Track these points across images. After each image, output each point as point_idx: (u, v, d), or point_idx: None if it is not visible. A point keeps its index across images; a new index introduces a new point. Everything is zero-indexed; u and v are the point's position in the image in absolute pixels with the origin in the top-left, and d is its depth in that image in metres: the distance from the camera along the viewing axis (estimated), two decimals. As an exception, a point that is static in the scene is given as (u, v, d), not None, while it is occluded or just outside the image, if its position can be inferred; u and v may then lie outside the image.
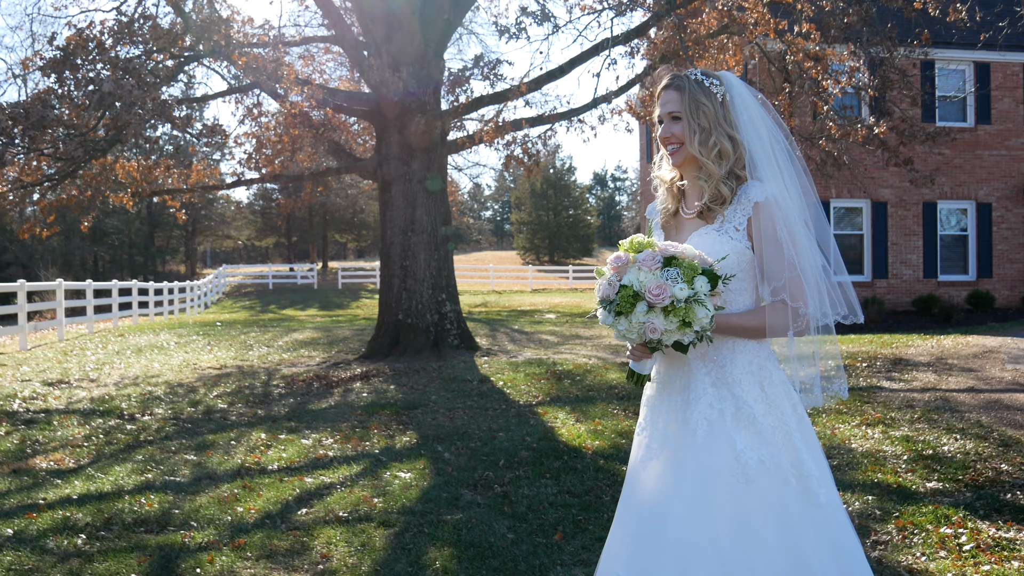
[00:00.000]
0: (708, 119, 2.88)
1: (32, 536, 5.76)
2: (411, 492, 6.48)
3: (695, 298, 2.61)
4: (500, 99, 13.67)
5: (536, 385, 11.19)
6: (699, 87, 2.89)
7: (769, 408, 2.79)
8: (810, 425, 2.85)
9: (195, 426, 9.52)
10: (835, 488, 2.82)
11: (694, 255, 2.71)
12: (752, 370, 2.83)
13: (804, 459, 2.75)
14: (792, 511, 2.71)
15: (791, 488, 2.71)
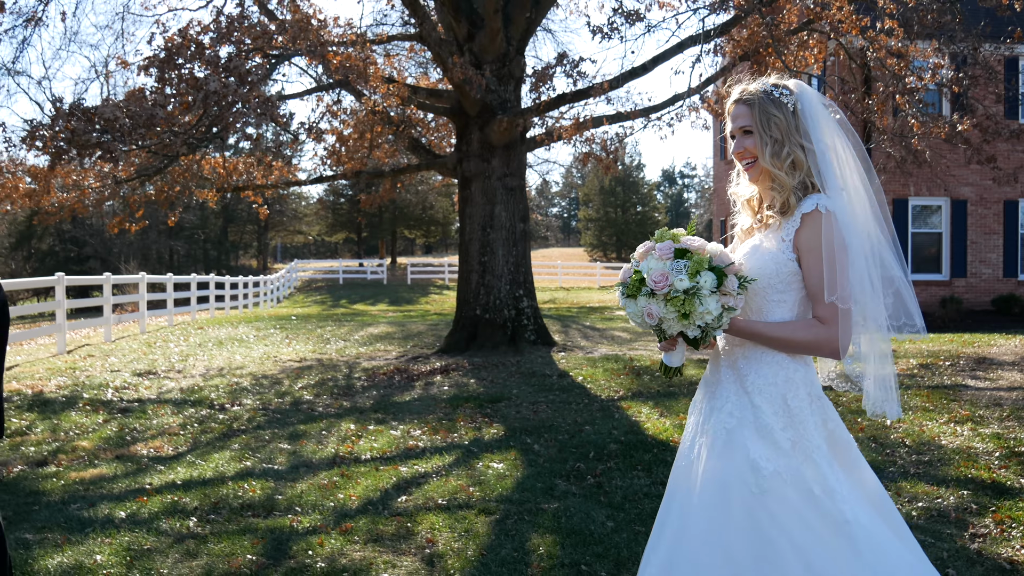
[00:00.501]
0: (780, 130, 2.85)
1: (144, 518, 5.99)
2: (506, 481, 6.58)
3: (694, 291, 2.64)
4: (582, 96, 13.71)
5: (616, 380, 11.22)
6: (769, 99, 2.87)
7: (790, 422, 2.75)
8: (846, 443, 2.82)
9: (284, 416, 9.75)
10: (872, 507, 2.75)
11: (717, 253, 2.74)
12: (776, 382, 2.79)
13: (827, 475, 2.69)
14: (813, 526, 2.65)
15: (813, 502, 2.66)
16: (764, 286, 2.81)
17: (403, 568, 4.89)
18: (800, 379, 2.79)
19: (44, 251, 47.18)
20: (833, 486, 2.67)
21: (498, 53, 14.10)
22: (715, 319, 2.66)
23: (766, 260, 2.80)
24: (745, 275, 2.79)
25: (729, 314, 2.70)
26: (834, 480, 2.68)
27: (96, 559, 5.17)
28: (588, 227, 61.92)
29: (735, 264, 2.78)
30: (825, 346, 2.75)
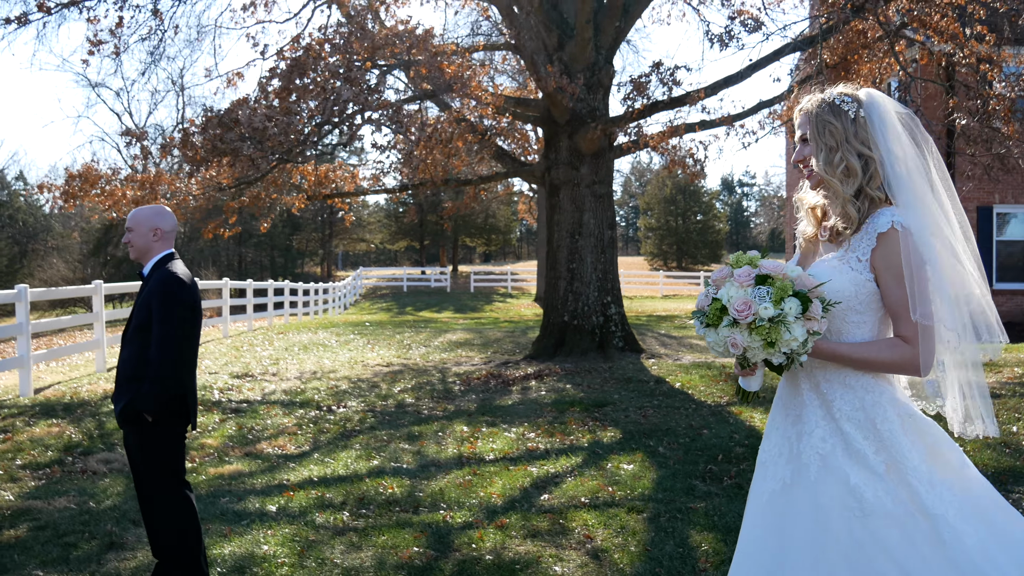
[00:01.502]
0: (835, 138, 2.78)
1: (296, 512, 6.20)
2: (643, 481, 6.68)
3: (780, 319, 2.58)
4: (677, 104, 13.80)
5: (716, 387, 11.25)
6: (828, 107, 2.81)
7: (881, 446, 2.67)
8: (949, 464, 2.69)
9: (393, 418, 9.94)
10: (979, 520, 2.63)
11: (796, 276, 2.65)
12: (864, 406, 2.72)
13: (924, 498, 2.60)
14: (919, 549, 2.58)
15: (918, 526, 2.60)
16: (844, 308, 2.73)
17: (571, 562, 5.01)
18: (887, 401, 2.72)
19: (119, 258, 48.25)
20: (931, 509, 2.60)
21: (588, 62, 14.23)
22: (800, 345, 2.61)
23: (844, 281, 2.73)
24: (826, 297, 2.69)
25: (814, 338, 2.64)
26: (932, 502, 2.60)
27: (264, 549, 5.38)
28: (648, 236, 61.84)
29: (817, 288, 2.67)
30: (910, 365, 2.68)
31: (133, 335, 4.53)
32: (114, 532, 5.79)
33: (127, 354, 4.55)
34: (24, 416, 9.95)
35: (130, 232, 4.64)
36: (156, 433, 4.45)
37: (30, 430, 9.20)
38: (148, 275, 4.60)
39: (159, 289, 4.44)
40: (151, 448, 4.46)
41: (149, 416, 4.37)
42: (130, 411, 4.41)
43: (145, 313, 4.46)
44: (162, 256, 4.63)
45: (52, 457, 8.08)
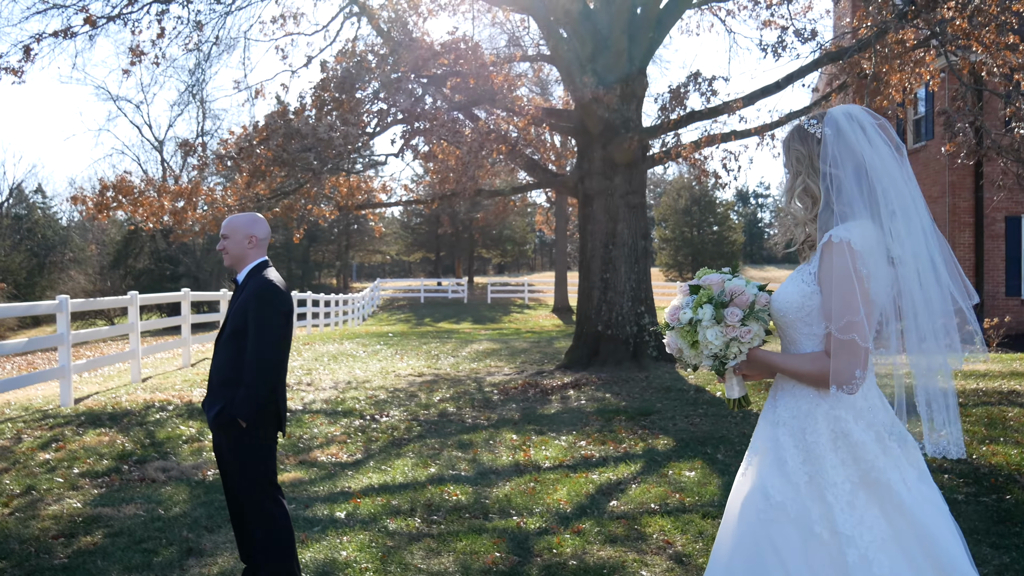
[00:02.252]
0: (800, 162, 2.86)
1: (366, 518, 6.23)
2: (710, 488, 6.69)
3: (698, 323, 2.79)
4: (715, 114, 13.83)
5: (762, 395, 11.23)
6: (797, 132, 2.89)
7: (807, 457, 2.70)
8: (887, 499, 2.65)
9: (439, 427, 9.97)
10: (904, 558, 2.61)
11: (732, 287, 2.82)
12: (797, 415, 2.76)
13: (837, 516, 2.61)
14: (814, 563, 2.61)
15: (814, 540, 2.62)
16: (794, 319, 2.78)
17: (657, 567, 5.03)
18: (821, 414, 2.72)
19: (140, 270, 48.51)
20: (847, 531, 2.60)
21: (621, 73, 14.29)
22: (721, 350, 2.77)
23: (793, 293, 2.78)
24: (758, 308, 2.81)
25: (740, 345, 2.77)
26: (847, 523, 2.61)
27: (344, 555, 5.41)
28: (663, 247, 61.79)
29: (745, 297, 2.81)
30: (822, 378, 2.70)
31: (228, 340, 4.57)
32: (190, 538, 5.83)
33: (221, 359, 4.59)
34: (71, 426, 10.01)
35: (225, 239, 4.69)
36: (249, 439, 4.49)
37: (80, 439, 9.25)
38: (243, 282, 4.65)
39: (255, 296, 4.48)
40: (244, 454, 4.50)
41: (243, 422, 4.41)
42: (225, 417, 4.45)
43: (241, 319, 4.51)
44: (257, 263, 4.68)
45: (108, 466, 8.13)
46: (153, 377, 14.95)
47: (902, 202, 2.77)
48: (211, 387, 4.62)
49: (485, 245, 58.44)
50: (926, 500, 2.69)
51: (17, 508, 6.69)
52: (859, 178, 2.76)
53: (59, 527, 6.17)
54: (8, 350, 11.56)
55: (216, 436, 4.65)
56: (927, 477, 2.75)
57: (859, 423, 2.70)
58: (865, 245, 2.68)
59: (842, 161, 2.77)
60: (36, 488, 7.28)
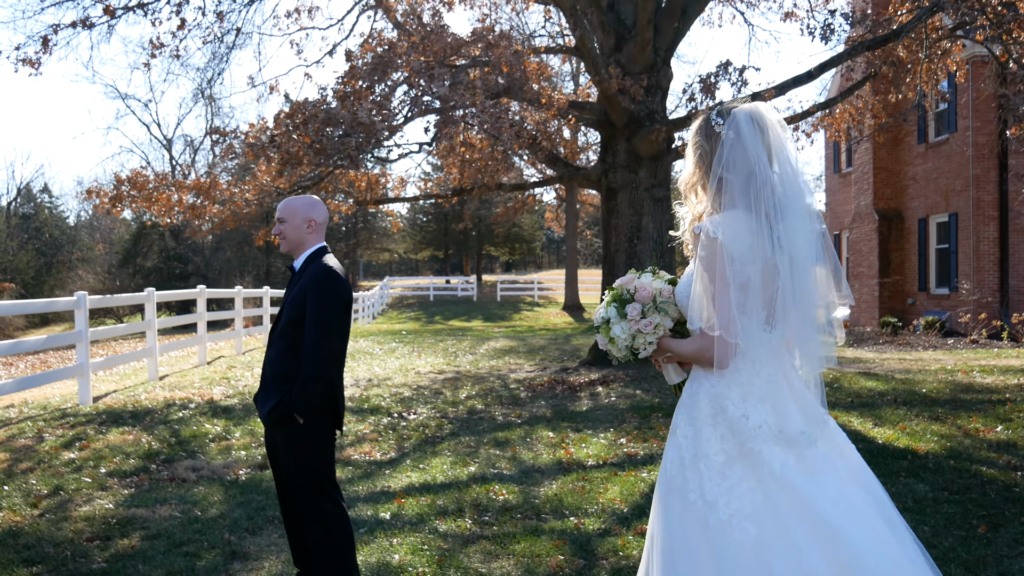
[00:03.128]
0: (702, 159, 2.97)
1: (414, 519, 5.97)
2: (769, 488, 6.42)
3: (607, 319, 3.07)
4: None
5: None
6: (704, 127, 2.99)
7: (695, 433, 2.86)
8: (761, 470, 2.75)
9: (470, 424, 9.71)
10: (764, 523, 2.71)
11: (641, 285, 3.05)
12: (691, 393, 2.93)
13: (706, 485, 2.77)
14: (687, 528, 2.80)
15: (693, 508, 2.79)
16: (687, 305, 2.92)
17: (733, 569, 4.76)
18: (704, 392, 2.89)
19: (149, 268, 48.23)
20: (712, 497, 2.75)
21: (646, 64, 14.01)
22: (628, 342, 3.02)
23: (686, 284, 2.94)
24: (660, 301, 3.01)
25: (644, 337, 3.00)
26: (714, 491, 2.76)
27: (396, 558, 5.16)
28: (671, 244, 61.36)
29: (646, 292, 3.01)
30: (703, 356, 2.87)
31: (283, 331, 4.30)
32: (232, 541, 5.58)
33: (275, 351, 4.32)
34: (93, 424, 9.77)
35: (282, 223, 4.42)
36: (307, 435, 4.22)
37: (104, 438, 9.02)
38: (300, 269, 4.38)
39: (315, 283, 4.21)
40: (301, 451, 4.23)
41: (301, 417, 4.15)
42: (281, 412, 4.18)
43: (298, 308, 4.24)
44: (316, 249, 4.41)
45: (136, 465, 7.89)
46: (170, 375, 14.72)
47: (792, 204, 2.89)
48: (264, 381, 4.35)
49: (494, 243, 58.12)
50: (813, 473, 2.77)
51: (47, 509, 6.45)
52: (749, 182, 2.86)
53: (93, 529, 5.93)
54: (27, 347, 11.32)
55: (270, 433, 4.39)
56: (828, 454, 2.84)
57: (740, 401, 2.83)
58: (739, 242, 2.81)
59: (736, 166, 2.87)
60: (64, 488, 7.05)
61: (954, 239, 21.70)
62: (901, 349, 18.12)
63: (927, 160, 22.91)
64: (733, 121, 2.89)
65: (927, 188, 22.86)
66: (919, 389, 10.89)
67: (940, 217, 22.56)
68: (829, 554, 2.68)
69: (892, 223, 24.04)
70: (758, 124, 2.89)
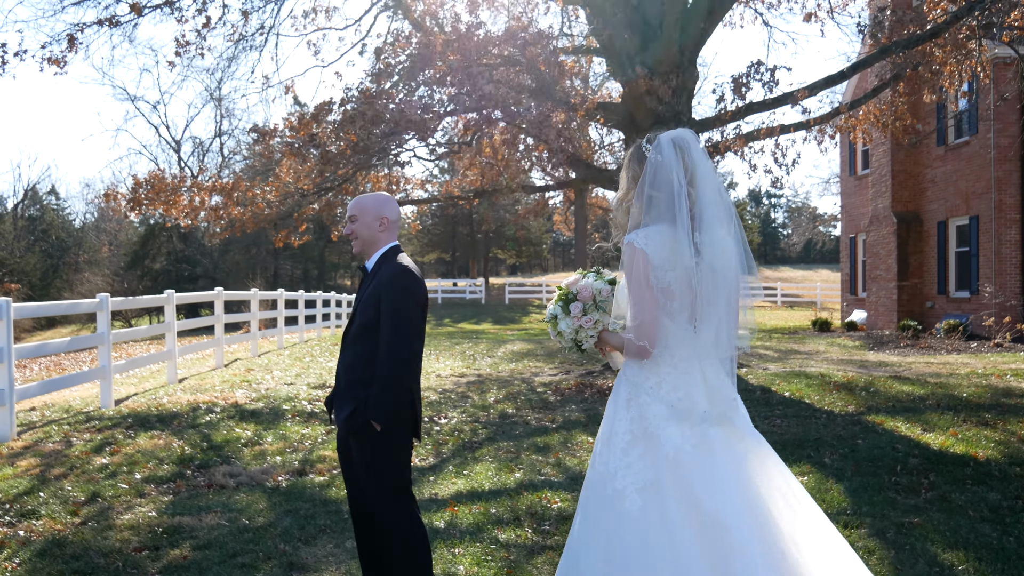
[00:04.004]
0: (633, 181, 3.38)
1: (470, 528, 5.80)
2: (833, 495, 6.26)
3: (555, 315, 3.52)
4: (776, 105, 13.33)
5: (831, 395, 10.80)
6: (636, 153, 3.40)
7: (613, 413, 3.32)
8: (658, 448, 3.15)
9: (504, 429, 9.53)
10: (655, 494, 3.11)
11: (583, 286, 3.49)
12: (617, 379, 3.41)
13: (608, 459, 3.23)
14: (589, 495, 3.28)
15: (596, 476, 3.27)
16: (626, 304, 3.34)
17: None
18: (624, 379, 3.36)
19: (157, 270, 48.03)
20: (612, 469, 3.19)
21: (672, 64, 13.83)
22: (573, 336, 3.47)
23: (623, 286, 3.35)
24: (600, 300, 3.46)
25: (584, 332, 3.44)
26: (615, 463, 3.19)
27: (461, 569, 4.98)
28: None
29: (587, 292, 3.46)
30: (629, 349, 3.30)
31: (357, 335, 4.12)
32: (287, 551, 5.40)
33: (350, 356, 4.14)
34: (120, 428, 9.60)
35: (354, 222, 4.23)
36: (384, 444, 4.04)
37: (134, 443, 8.84)
38: (373, 269, 4.19)
39: (391, 284, 4.02)
40: (378, 461, 4.05)
41: (378, 425, 3.96)
42: (358, 420, 4.00)
43: (372, 311, 4.05)
44: (389, 248, 4.22)
45: (171, 471, 7.71)
46: (189, 378, 14.55)
47: (711, 218, 3.27)
48: (339, 387, 4.17)
49: (501, 246, 57.94)
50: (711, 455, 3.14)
51: (88, 517, 6.27)
52: (671, 199, 3.25)
53: (139, 538, 5.75)
54: (52, 349, 11.15)
55: (343, 441, 4.21)
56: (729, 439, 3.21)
57: (654, 389, 3.24)
58: (659, 252, 3.22)
59: (661, 185, 3.27)
60: (101, 495, 6.87)
61: (975, 242, 21.52)
62: (924, 352, 17.94)
63: (947, 163, 22.73)
64: (658, 145, 3.31)
65: (947, 191, 22.68)
66: (958, 393, 10.71)
67: (960, 220, 22.37)
68: (705, 534, 3.03)
69: (911, 226, 23.86)
70: (679, 147, 3.30)
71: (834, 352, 18.71)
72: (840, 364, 15.56)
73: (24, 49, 10.97)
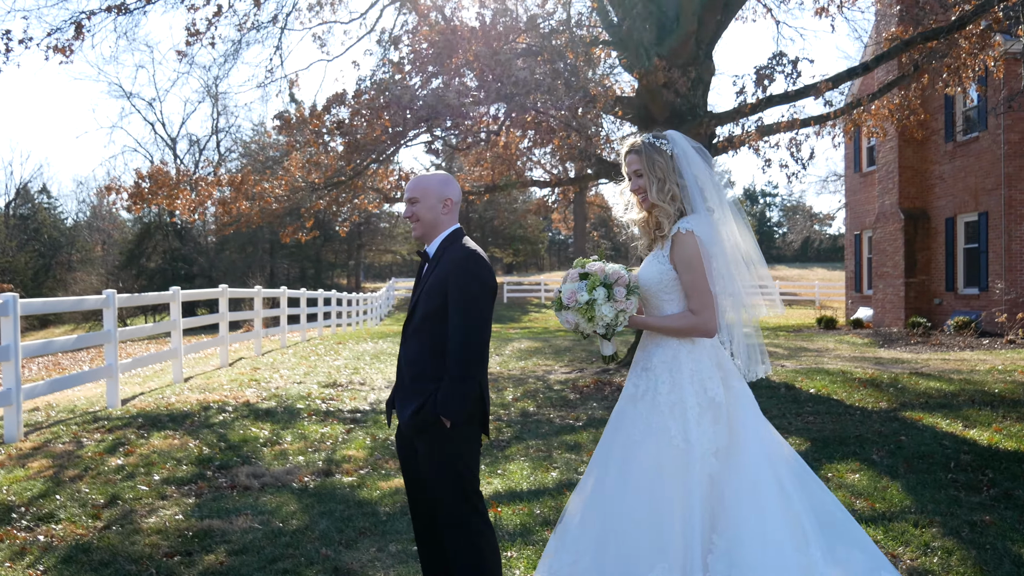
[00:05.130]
0: (663, 171, 3.70)
1: (519, 530, 5.58)
2: (892, 492, 6.04)
3: (592, 302, 3.60)
4: (798, 97, 13.06)
5: (859, 392, 10.58)
6: (653, 148, 3.73)
7: (672, 388, 3.61)
8: (719, 406, 3.59)
9: (529, 427, 9.28)
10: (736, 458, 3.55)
11: (611, 272, 3.67)
12: (665, 360, 3.66)
13: (691, 430, 3.53)
14: (667, 466, 3.53)
15: (674, 450, 3.53)
16: (656, 290, 3.69)
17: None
18: (684, 357, 3.65)
19: (153, 269, 47.52)
20: (692, 438, 3.53)
21: (688, 56, 13.59)
22: (612, 320, 3.62)
23: (654, 271, 3.69)
24: (632, 284, 3.67)
25: (624, 315, 3.63)
26: (696, 433, 3.53)
27: (517, 573, 4.72)
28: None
29: (624, 278, 3.66)
30: (696, 330, 3.64)
31: (420, 325, 3.84)
32: (329, 556, 5.13)
33: (414, 348, 3.86)
34: (131, 428, 9.30)
35: (414, 204, 3.93)
36: (454, 441, 3.75)
37: (148, 443, 8.55)
38: (436, 254, 3.91)
39: (458, 269, 3.74)
40: (447, 459, 3.76)
41: (448, 421, 3.69)
42: (427, 416, 3.71)
43: (437, 299, 3.77)
44: (453, 231, 3.94)
45: (190, 471, 7.43)
46: (194, 377, 14.24)
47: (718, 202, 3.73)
48: (401, 382, 3.89)
49: (499, 244, 57.64)
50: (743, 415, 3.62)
51: (110, 521, 5.99)
52: (692, 186, 3.69)
53: (169, 543, 5.47)
54: (58, 347, 10.82)
55: (406, 441, 3.94)
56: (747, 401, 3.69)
57: (710, 363, 3.65)
58: (706, 233, 3.62)
59: (685, 174, 3.71)
60: (121, 497, 6.59)
61: (984, 238, 21.34)
62: (937, 349, 17.74)
63: (955, 159, 22.56)
64: (675, 142, 3.74)
65: (955, 187, 22.50)
66: (989, 389, 10.50)
67: (969, 216, 22.20)
68: None
69: (918, 223, 23.68)
70: (680, 146, 3.74)
71: (844, 349, 18.51)
72: (855, 361, 15.34)
73: (29, 37, 10.66)
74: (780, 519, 3.46)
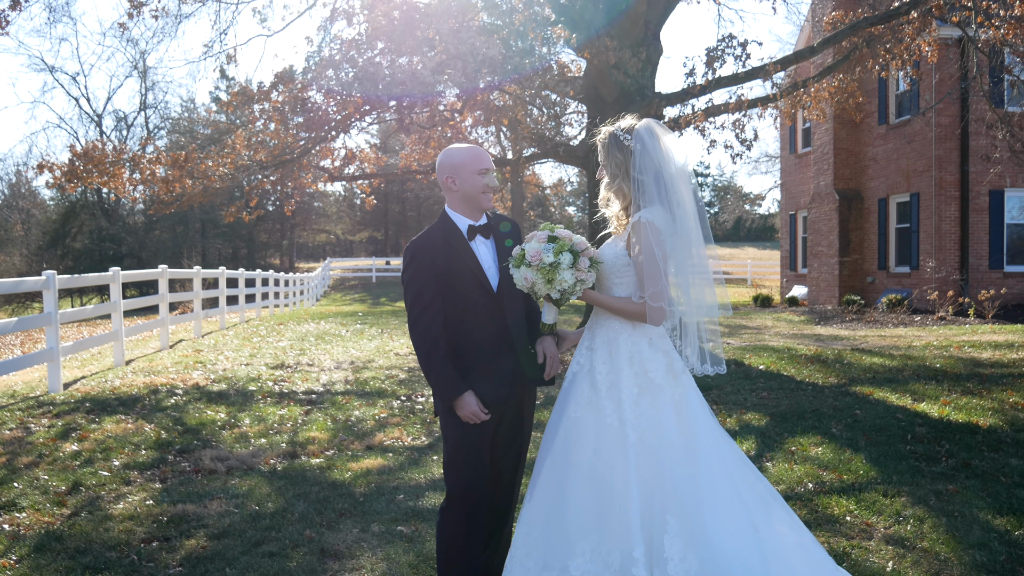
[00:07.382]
0: (619, 167, 3.80)
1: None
2: (856, 465, 6.22)
3: (556, 264, 3.65)
4: (747, 79, 13.25)
5: (807, 368, 10.84)
6: (614, 142, 3.83)
7: (610, 369, 3.71)
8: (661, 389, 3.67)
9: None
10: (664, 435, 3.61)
11: (577, 242, 3.74)
12: (608, 340, 3.77)
13: (626, 411, 3.62)
14: (604, 443, 3.63)
15: (609, 427, 3.63)
16: (609, 271, 3.79)
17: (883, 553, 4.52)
18: (624, 339, 3.74)
19: (79, 250, 46.12)
20: (627, 418, 3.61)
21: (637, 38, 13.66)
22: (570, 287, 3.69)
23: (609, 253, 3.80)
24: (596, 259, 3.76)
25: (581, 285, 3.70)
26: (632, 414, 3.62)
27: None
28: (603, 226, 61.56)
29: (589, 250, 3.75)
30: (645, 316, 3.68)
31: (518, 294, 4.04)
32: (314, 538, 5.10)
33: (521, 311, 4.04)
34: (79, 413, 9.09)
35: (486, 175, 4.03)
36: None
37: (101, 428, 8.37)
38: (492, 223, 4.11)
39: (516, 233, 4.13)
40: None
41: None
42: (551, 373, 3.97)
43: None
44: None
45: (151, 456, 7.30)
46: (136, 360, 13.93)
47: (680, 196, 3.76)
48: (521, 343, 4.00)
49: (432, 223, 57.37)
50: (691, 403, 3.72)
51: (77, 508, 5.87)
52: (657, 180, 3.74)
53: (144, 529, 5.39)
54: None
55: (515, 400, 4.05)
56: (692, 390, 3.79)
57: (651, 348, 3.73)
58: (662, 224, 3.69)
59: (646, 169, 3.74)
60: (83, 484, 6.45)
61: (915, 219, 21.98)
62: (872, 326, 18.26)
63: (888, 141, 23.15)
64: (638, 136, 3.78)
65: (888, 168, 23.11)
66: (930, 364, 10.86)
67: (901, 197, 22.83)
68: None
69: (852, 203, 24.27)
70: (655, 135, 3.78)
71: (782, 327, 18.92)
72: (795, 338, 15.71)
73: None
74: (730, 500, 3.57)
